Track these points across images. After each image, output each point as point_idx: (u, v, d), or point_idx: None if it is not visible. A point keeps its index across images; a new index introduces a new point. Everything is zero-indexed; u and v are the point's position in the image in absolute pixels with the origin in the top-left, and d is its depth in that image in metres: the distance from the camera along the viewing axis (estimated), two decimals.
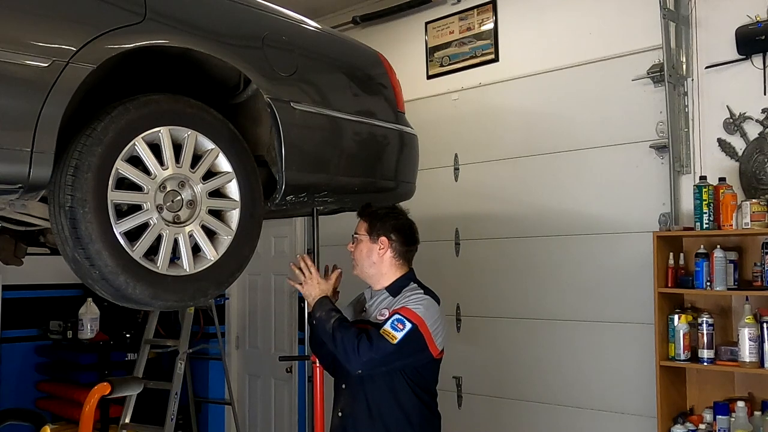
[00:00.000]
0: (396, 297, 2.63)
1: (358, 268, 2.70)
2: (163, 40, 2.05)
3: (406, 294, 2.61)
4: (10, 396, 5.05)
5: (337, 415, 2.64)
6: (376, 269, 2.67)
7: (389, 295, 2.66)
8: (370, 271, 2.68)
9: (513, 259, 4.22)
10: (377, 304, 2.68)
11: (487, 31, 4.44)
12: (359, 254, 2.68)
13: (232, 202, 2.21)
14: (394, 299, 2.62)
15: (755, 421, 3.11)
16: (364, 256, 2.67)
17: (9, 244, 2.87)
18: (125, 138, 1.98)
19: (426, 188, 3.35)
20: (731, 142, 3.47)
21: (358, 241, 2.68)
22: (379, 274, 2.68)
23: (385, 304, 2.64)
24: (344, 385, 2.64)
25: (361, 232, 2.69)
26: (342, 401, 2.64)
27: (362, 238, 2.68)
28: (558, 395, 4.01)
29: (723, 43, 3.48)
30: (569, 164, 4.01)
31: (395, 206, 2.78)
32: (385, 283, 2.68)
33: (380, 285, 2.69)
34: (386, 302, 2.65)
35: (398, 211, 2.73)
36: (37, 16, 1.83)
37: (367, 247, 2.67)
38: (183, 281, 2.09)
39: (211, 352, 5.38)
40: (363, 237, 2.68)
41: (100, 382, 3.95)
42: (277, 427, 5.51)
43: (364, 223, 2.70)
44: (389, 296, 2.65)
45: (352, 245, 2.70)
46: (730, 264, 3.23)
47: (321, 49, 2.63)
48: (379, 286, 2.70)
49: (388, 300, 2.65)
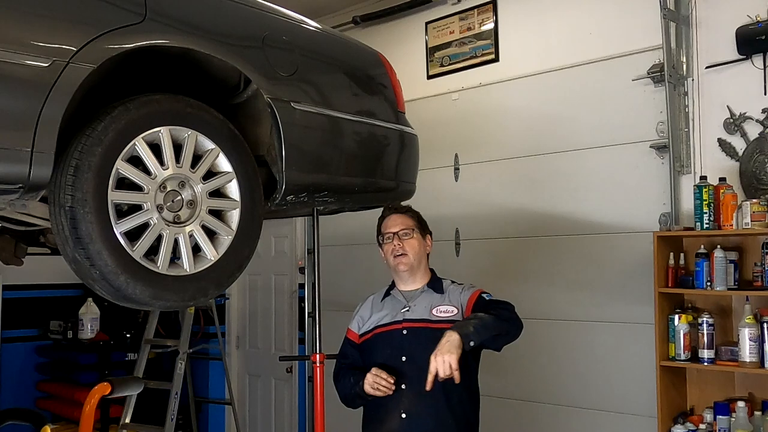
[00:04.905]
0: (443, 293, 2.69)
1: (409, 264, 2.70)
2: (163, 40, 2.05)
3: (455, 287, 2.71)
4: (10, 396, 5.06)
5: (399, 416, 2.57)
6: (423, 265, 2.75)
7: (433, 292, 2.70)
8: (418, 267, 2.73)
9: (513, 259, 4.22)
10: (422, 302, 2.69)
11: (488, 31, 4.44)
12: (414, 248, 2.71)
13: (233, 202, 2.21)
14: (442, 294, 2.69)
15: (755, 421, 3.11)
16: (417, 251, 2.71)
17: (9, 244, 2.87)
18: (125, 138, 1.98)
19: (426, 188, 3.34)
20: (731, 142, 3.47)
21: (410, 237, 2.71)
22: (423, 271, 2.75)
23: (437, 301, 2.67)
24: (404, 386, 2.58)
25: (413, 226, 2.72)
26: (405, 402, 2.57)
27: (415, 234, 2.72)
28: (558, 395, 4.01)
29: (723, 43, 3.48)
30: (569, 164, 4.01)
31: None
32: (423, 280, 2.74)
33: (418, 283, 2.73)
34: (434, 299, 2.68)
35: None
36: (38, 16, 1.83)
37: (420, 242, 2.73)
38: (183, 281, 2.09)
39: (212, 352, 5.38)
40: (416, 232, 2.72)
41: (100, 382, 3.94)
42: (277, 427, 5.51)
43: (411, 220, 2.74)
44: (434, 292, 2.70)
45: (399, 241, 2.69)
46: (731, 264, 3.23)
47: (321, 49, 2.63)
48: (415, 285, 2.73)
49: (435, 297, 2.69)
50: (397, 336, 2.65)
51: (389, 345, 2.65)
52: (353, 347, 2.76)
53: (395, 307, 2.72)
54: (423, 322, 2.63)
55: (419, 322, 2.64)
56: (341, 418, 3.11)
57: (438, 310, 2.65)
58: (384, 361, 2.63)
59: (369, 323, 2.75)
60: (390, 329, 2.68)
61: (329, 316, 3.52)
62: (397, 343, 2.63)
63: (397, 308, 2.71)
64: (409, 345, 2.61)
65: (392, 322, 2.69)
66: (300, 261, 5.32)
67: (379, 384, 2.54)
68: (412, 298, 2.72)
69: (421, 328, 2.62)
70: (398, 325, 2.66)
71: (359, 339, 2.76)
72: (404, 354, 2.61)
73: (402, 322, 2.66)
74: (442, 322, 2.59)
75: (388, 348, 2.66)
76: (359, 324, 2.78)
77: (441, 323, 2.59)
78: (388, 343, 2.65)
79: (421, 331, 2.62)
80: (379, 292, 2.83)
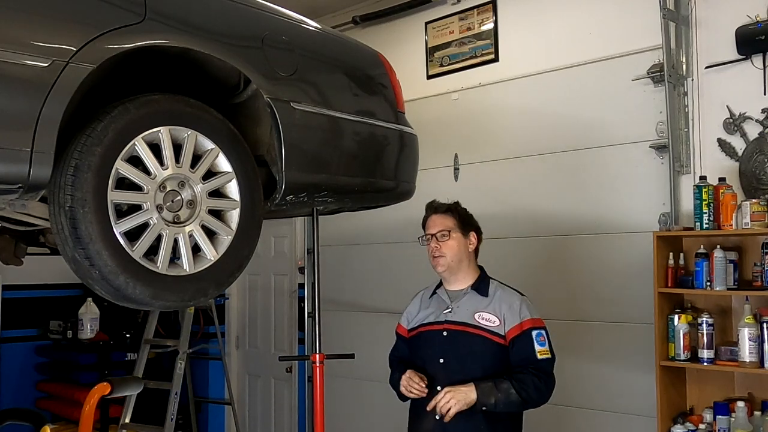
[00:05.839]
0: (488, 296, 2.68)
1: (447, 264, 2.70)
2: (163, 40, 2.05)
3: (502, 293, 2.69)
4: (10, 396, 5.06)
5: (434, 418, 2.58)
6: (465, 265, 2.74)
7: (478, 294, 2.70)
8: (459, 267, 2.72)
9: (513, 259, 4.21)
10: (465, 304, 2.69)
11: (487, 31, 4.44)
12: (452, 250, 2.70)
13: (232, 202, 2.21)
14: (487, 298, 2.67)
15: (755, 421, 3.11)
16: (456, 252, 2.70)
17: (9, 244, 2.87)
18: (125, 138, 1.97)
19: (426, 188, 3.34)
20: (731, 142, 3.47)
21: (450, 237, 2.70)
22: (465, 271, 2.74)
23: (481, 306, 2.67)
24: (439, 387, 2.59)
25: (452, 226, 2.72)
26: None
27: (454, 234, 2.71)
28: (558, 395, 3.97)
29: (723, 43, 3.48)
30: (569, 164, 4.01)
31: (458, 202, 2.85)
32: (468, 280, 2.74)
33: (463, 283, 2.74)
34: (478, 302, 2.68)
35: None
36: (37, 16, 1.83)
37: (460, 242, 2.72)
38: (183, 281, 2.09)
39: (211, 352, 5.38)
40: (455, 233, 2.71)
41: (100, 382, 3.95)
42: (277, 427, 5.51)
43: (451, 219, 2.74)
44: (478, 295, 2.70)
45: (437, 243, 2.70)
46: (730, 264, 3.24)
47: (321, 49, 2.62)
48: (460, 285, 2.74)
49: (479, 300, 2.68)
50: (438, 337, 2.68)
51: (429, 345, 2.69)
52: (403, 341, 2.83)
53: (439, 306, 2.74)
54: (464, 326, 2.65)
55: (460, 325, 2.66)
56: (341, 418, 3.11)
57: (481, 316, 2.65)
58: (423, 361, 2.69)
59: (416, 320, 2.80)
60: (432, 329, 2.71)
61: (329, 316, 3.52)
62: (437, 345, 2.67)
63: (441, 308, 2.73)
64: (448, 348, 2.64)
65: (435, 322, 2.71)
66: (300, 261, 5.32)
67: (412, 388, 2.59)
68: (456, 298, 2.72)
69: (461, 332, 2.65)
70: (440, 326, 2.69)
71: (408, 334, 2.81)
72: (442, 356, 2.64)
73: (444, 323, 2.68)
74: (483, 329, 2.62)
75: (429, 348, 2.70)
76: (408, 319, 2.84)
77: (481, 330, 2.62)
78: (429, 343, 2.69)
79: (460, 335, 2.65)
80: (428, 288, 2.86)
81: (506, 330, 2.62)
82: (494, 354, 2.62)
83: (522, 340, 2.60)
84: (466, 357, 2.61)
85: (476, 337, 2.62)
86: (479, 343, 2.62)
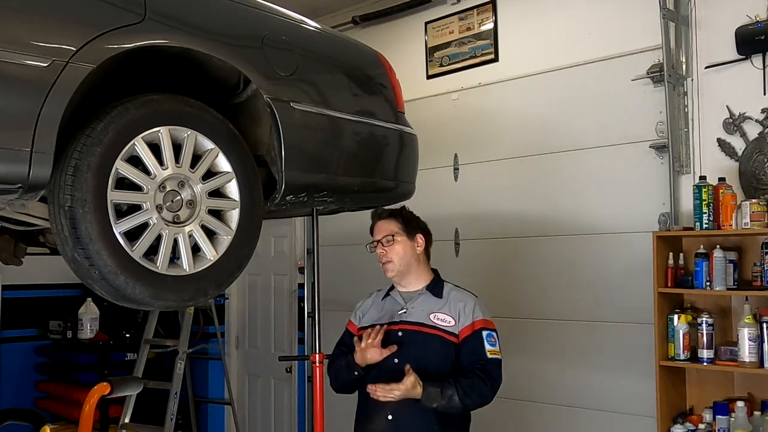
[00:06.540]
0: (443, 297, 2.69)
1: (396, 269, 2.71)
2: (162, 40, 2.05)
3: (456, 294, 2.69)
4: (10, 396, 5.05)
5: (386, 418, 2.60)
6: (414, 268, 2.73)
7: (432, 296, 2.70)
8: (408, 270, 2.72)
9: (512, 259, 4.22)
10: (420, 305, 2.70)
11: (487, 31, 4.44)
12: (398, 254, 2.70)
13: (232, 202, 2.21)
14: (441, 300, 2.68)
15: (755, 421, 3.11)
16: (403, 256, 2.70)
17: (9, 244, 2.87)
18: (125, 138, 1.98)
19: (426, 188, 3.35)
20: (731, 142, 3.47)
21: (395, 241, 2.70)
22: (416, 273, 2.74)
23: (436, 307, 2.67)
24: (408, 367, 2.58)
25: (396, 231, 2.71)
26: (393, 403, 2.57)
27: (399, 238, 2.71)
28: (558, 395, 4.01)
29: (723, 43, 3.48)
30: (569, 164, 4.01)
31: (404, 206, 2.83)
32: (422, 282, 2.74)
33: (416, 285, 2.74)
34: (433, 304, 2.68)
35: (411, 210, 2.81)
36: (37, 15, 1.83)
37: (406, 245, 2.71)
38: (183, 281, 2.09)
39: (211, 352, 5.37)
40: (400, 237, 2.71)
41: (99, 382, 3.95)
42: (276, 427, 5.51)
43: (395, 223, 2.73)
44: (432, 296, 2.70)
45: (383, 248, 2.71)
46: (730, 264, 3.24)
47: (321, 49, 2.62)
48: (413, 287, 2.74)
49: (434, 301, 2.69)
50: (393, 337, 2.67)
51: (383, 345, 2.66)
52: (352, 337, 2.80)
53: (393, 308, 2.74)
54: (419, 326, 2.65)
55: (416, 325, 2.66)
56: (341, 418, 3.11)
57: (436, 316, 2.66)
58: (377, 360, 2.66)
59: (367, 319, 2.79)
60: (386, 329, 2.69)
61: (329, 316, 3.52)
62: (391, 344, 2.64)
63: (395, 309, 2.73)
64: (403, 347, 2.63)
65: (389, 322, 2.70)
66: (299, 261, 5.33)
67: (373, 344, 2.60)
68: (410, 300, 2.73)
69: (417, 332, 2.65)
70: (395, 326, 2.68)
71: (358, 332, 2.79)
72: (396, 356, 2.63)
73: (399, 324, 2.68)
74: (438, 329, 2.63)
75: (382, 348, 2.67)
76: (359, 316, 2.84)
77: (437, 330, 2.63)
78: (383, 343, 2.66)
79: (416, 335, 2.65)
80: (382, 289, 2.86)
81: (459, 329, 2.64)
82: (449, 353, 2.63)
83: (473, 339, 2.62)
84: (421, 357, 2.60)
85: (432, 336, 2.63)
86: (435, 343, 2.63)
